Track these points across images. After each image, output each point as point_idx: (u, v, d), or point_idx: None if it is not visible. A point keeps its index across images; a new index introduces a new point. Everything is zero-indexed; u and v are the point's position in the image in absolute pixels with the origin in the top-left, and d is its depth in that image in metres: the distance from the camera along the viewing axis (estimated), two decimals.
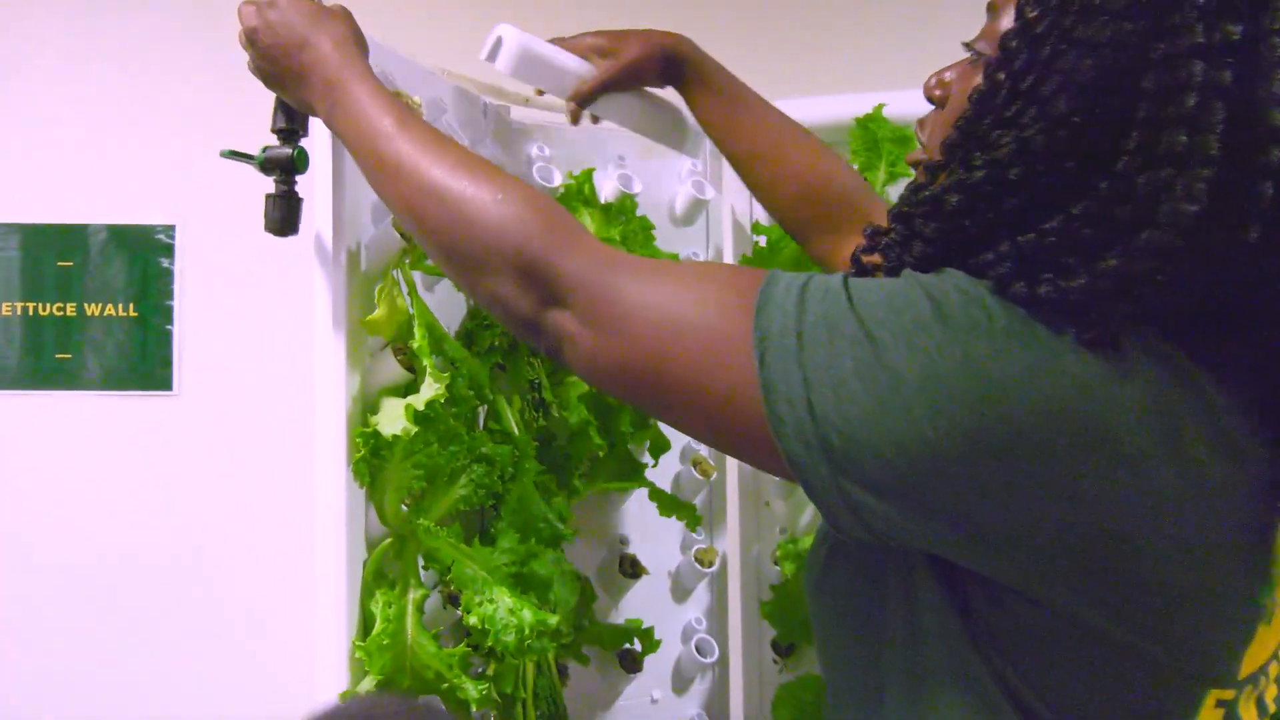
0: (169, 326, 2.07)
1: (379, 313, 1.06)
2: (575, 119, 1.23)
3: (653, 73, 1.23)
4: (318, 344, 1.07)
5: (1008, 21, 0.71)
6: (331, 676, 1.08)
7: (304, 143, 1.07)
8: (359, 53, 0.97)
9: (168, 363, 2.07)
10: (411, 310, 1.09)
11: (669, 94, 1.29)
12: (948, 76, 0.81)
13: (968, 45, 0.79)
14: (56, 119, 2.11)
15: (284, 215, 1.06)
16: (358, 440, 1.05)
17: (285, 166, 1.06)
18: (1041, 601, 0.67)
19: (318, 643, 1.10)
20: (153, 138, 2.09)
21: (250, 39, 0.98)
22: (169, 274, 2.08)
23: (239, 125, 1.21)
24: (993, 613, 0.70)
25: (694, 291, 0.73)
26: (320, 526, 1.08)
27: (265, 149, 1.06)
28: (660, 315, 0.72)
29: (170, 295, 2.07)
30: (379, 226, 1.11)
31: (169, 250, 2.08)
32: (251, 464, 2.02)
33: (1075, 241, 0.65)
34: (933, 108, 0.84)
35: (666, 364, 0.71)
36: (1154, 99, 0.63)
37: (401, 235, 1.10)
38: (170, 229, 2.09)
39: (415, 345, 1.06)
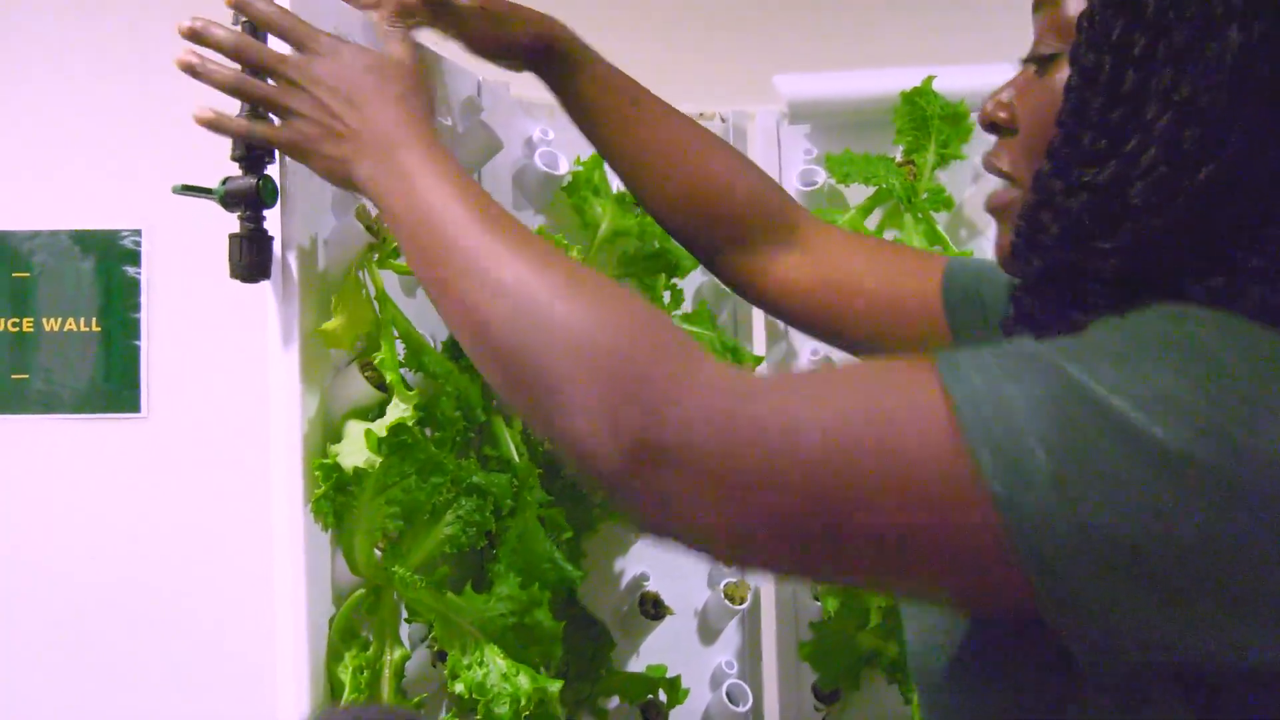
0: (136, 342, 1.90)
1: (336, 320, 0.89)
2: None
3: (518, 45, 0.99)
4: (270, 359, 0.90)
5: (1076, 4, 0.64)
6: None
7: (271, 170, 0.90)
8: (424, 112, 0.80)
9: (135, 382, 1.89)
10: (379, 316, 0.92)
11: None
12: (1006, 97, 0.70)
13: (1028, 59, 0.69)
14: (11, 117, 1.96)
15: (253, 259, 0.89)
16: (316, 474, 0.89)
17: (250, 201, 0.88)
18: None
19: (279, 713, 0.94)
20: (118, 134, 1.93)
21: (285, 103, 0.81)
22: (135, 284, 1.90)
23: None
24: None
25: (862, 410, 0.55)
26: (278, 577, 0.92)
27: (226, 180, 0.89)
28: (828, 455, 0.54)
29: (137, 307, 1.90)
30: (341, 220, 0.94)
31: (135, 257, 1.91)
32: (228, 494, 1.86)
33: None
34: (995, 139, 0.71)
35: (851, 517, 0.54)
36: None
37: (368, 229, 0.93)
38: (137, 234, 1.92)
39: (380, 358, 0.89)
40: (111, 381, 1.89)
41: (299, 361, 0.89)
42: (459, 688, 0.91)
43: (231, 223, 0.90)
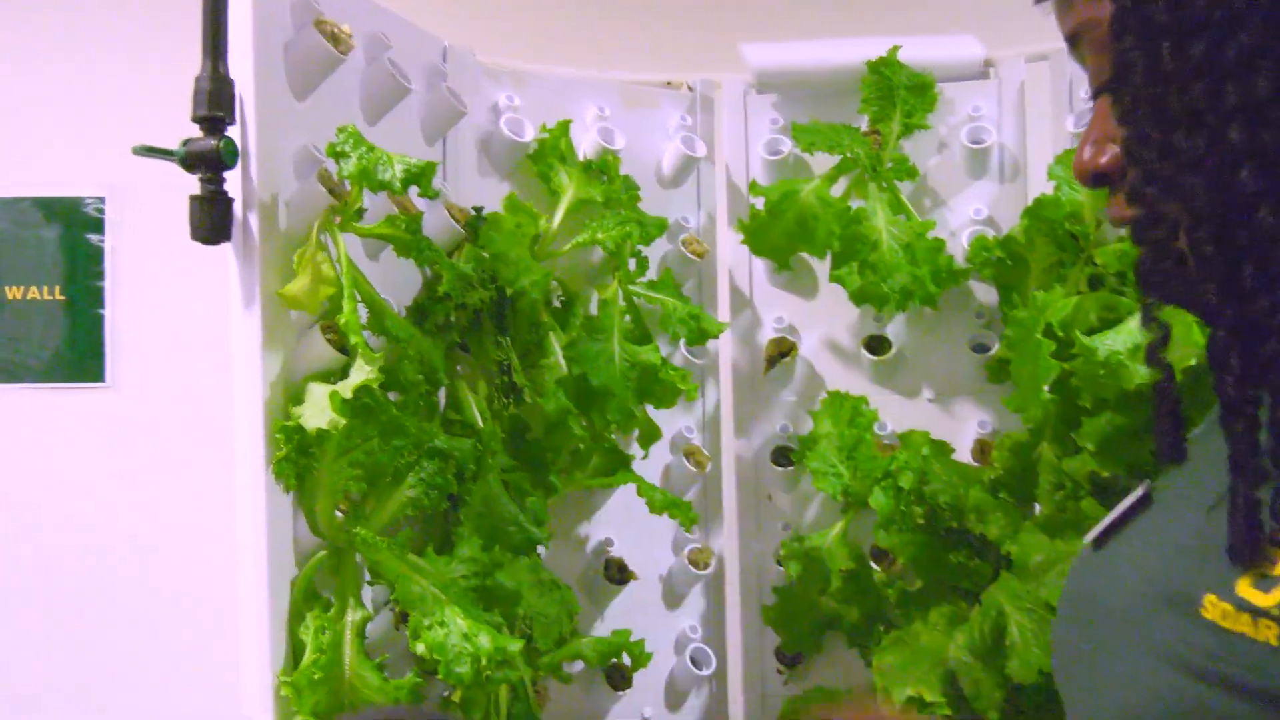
0: (100, 310, 1.87)
1: (299, 283, 0.89)
2: None
3: None
4: (231, 321, 0.90)
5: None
6: (258, 713, 0.92)
7: (231, 132, 0.90)
8: None
9: (99, 351, 1.87)
10: (342, 279, 0.92)
11: None
12: (1095, 141, 0.62)
13: (1098, 90, 0.62)
14: None
15: (213, 221, 0.89)
16: (278, 436, 0.89)
17: (211, 162, 0.88)
18: None
19: (243, 675, 0.94)
20: (81, 102, 1.90)
21: None
22: (99, 251, 1.88)
23: (176, 87, 1.03)
24: None
25: None
26: (241, 539, 0.92)
27: (186, 142, 0.89)
28: None
29: (101, 275, 1.87)
30: (302, 182, 0.94)
31: (99, 224, 1.88)
32: (195, 463, 1.84)
33: None
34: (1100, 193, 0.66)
35: None
36: None
37: (330, 191, 0.93)
38: (100, 201, 1.89)
39: (343, 321, 0.90)
40: (76, 350, 1.87)
41: (260, 323, 0.89)
42: (420, 648, 0.92)
43: (192, 186, 0.90)
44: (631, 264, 1.29)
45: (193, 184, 0.92)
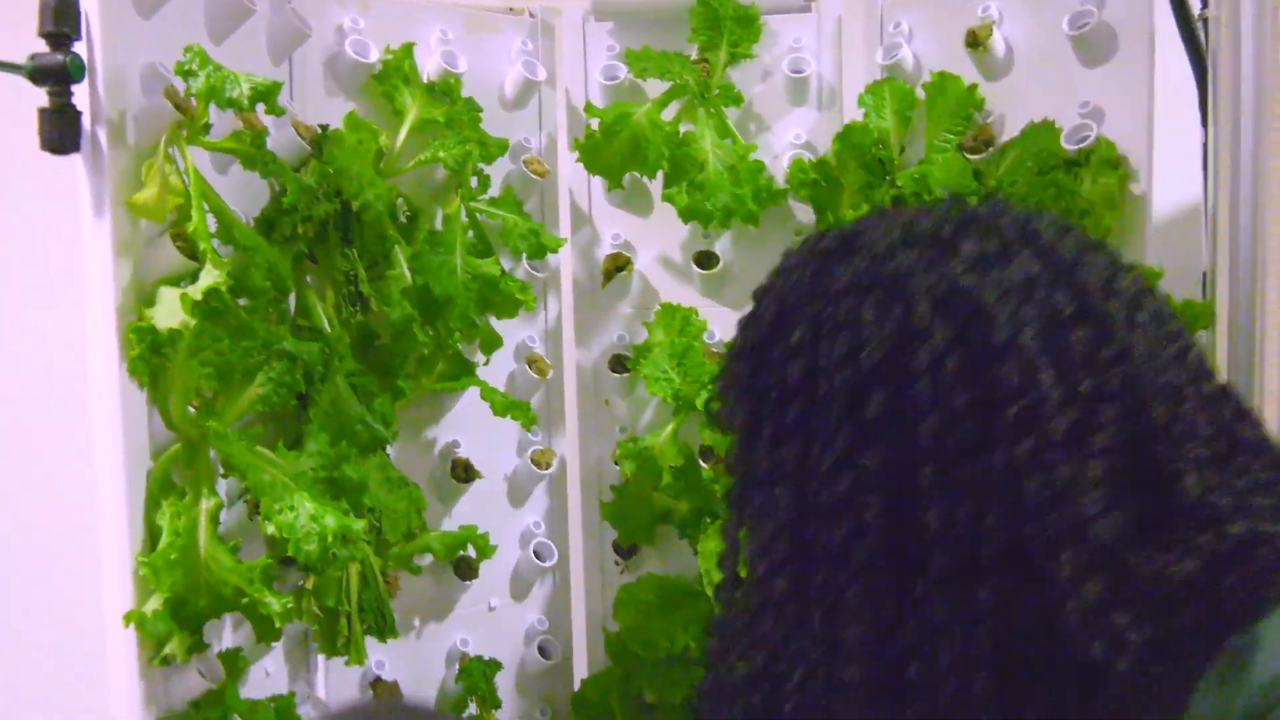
0: None
1: (147, 192, 0.95)
2: None
3: None
4: (82, 228, 0.95)
5: None
6: (116, 595, 0.99)
7: (78, 47, 0.94)
8: None
9: None
10: (189, 189, 0.98)
11: None
12: None
13: None
14: None
15: (62, 132, 0.94)
16: (131, 336, 0.95)
17: (59, 76, 0.93)
18: None
19: (101, 559, 1.01)
20: None
21: None
22: None
23: (22, 3, 1.06)
24: None
25: None
26: (96, 431, 0.98)
27: (33, 56, 0.93)
28: None
29: None
30: (149, 98, 0.99)
31: None
32: (48, 367, 1.84)
33: None
34: None
35: None
36: None
37: (176, 107, 0.99)
38: None
39: (192, 228, 0.96)
40: None
41: (110, 230, 0.94)
42: (270, 529, 0.99)
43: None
44: (474, 182, 1.36)
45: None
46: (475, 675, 1.39)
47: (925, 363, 0.60)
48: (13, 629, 1.86)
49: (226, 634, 1.14)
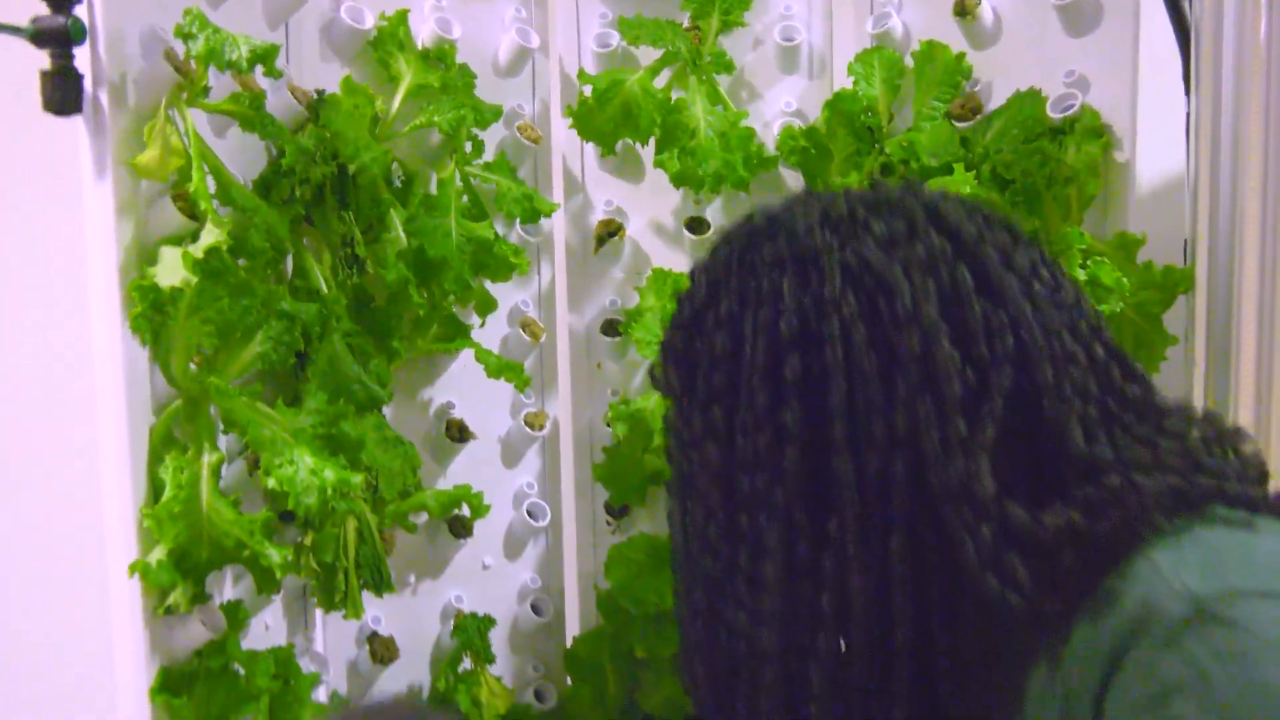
0: None
1: (149, 154, 0.97)
2: None
3: None
4: (84, 189, 0.97)
5: None
6: (120, 546, 1.02)
7: (79, 10, 0.96)
8: None
9: None
10: (190, 151, 1.00)
11: None
12: None
13: None
14: None
15: (64, 94, 0.95)
16: (134, 294, 0.97)
17: (60, 38, 0.94)
18: None
19: (104, 511, 1.03)
20: None
21: None
22: None
23: None
24: None
25: None
26: (100, 387, 1.01)
27: (35, 19, 0.95)
28: None
29: None
30: (149, 61, 1.01)
31: None
32: (50, 323, 1.85)
33: None
34: None
35: None
36: None
37: (176, 69, 1.00)
38: None
39: (192, 188, 0.98)
40: None
41: (112, 190, 0.96)
42: (271, 483, 1.02)
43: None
44: (468, 147, 1.38)
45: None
46: (470, 631, 1.43)
47: (837, 330, 0.68)
48: (12, 629, 1.88)
49: (228, 588, 1.17)
